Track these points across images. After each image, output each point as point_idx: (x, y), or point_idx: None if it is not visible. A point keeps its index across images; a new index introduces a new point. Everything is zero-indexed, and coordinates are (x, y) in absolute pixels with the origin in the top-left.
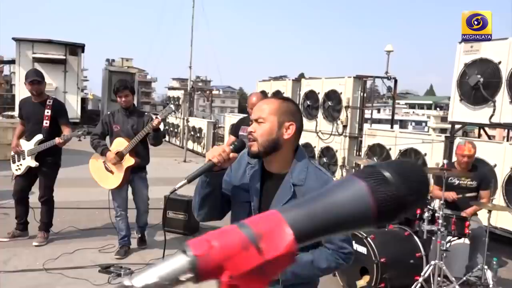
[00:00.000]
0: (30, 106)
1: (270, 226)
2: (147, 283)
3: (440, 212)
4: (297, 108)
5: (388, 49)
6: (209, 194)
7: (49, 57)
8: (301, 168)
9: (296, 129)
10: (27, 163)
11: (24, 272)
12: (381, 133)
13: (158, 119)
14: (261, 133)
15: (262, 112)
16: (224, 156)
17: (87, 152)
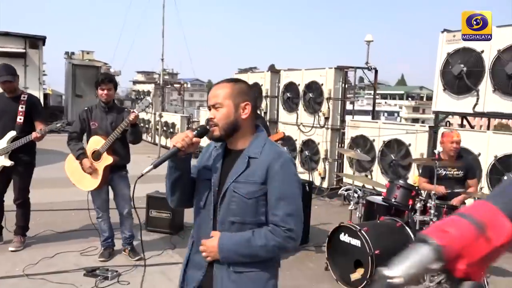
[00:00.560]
0: (3, 101)
1: (489, 215)
2: (404, 273)
3: (432, 202)
4: (249, 87)
5: (368, 39)
6: (178, 179)
7: (7, 51)
8: (258, 143)
9: (251, 108)
10: (0, 162)
11: (4, 279)
12: (364, 124)
13: (134, 113)
14: (220, 117)
15: (218, 98)
16: (187, 141)
17: (57, 151)
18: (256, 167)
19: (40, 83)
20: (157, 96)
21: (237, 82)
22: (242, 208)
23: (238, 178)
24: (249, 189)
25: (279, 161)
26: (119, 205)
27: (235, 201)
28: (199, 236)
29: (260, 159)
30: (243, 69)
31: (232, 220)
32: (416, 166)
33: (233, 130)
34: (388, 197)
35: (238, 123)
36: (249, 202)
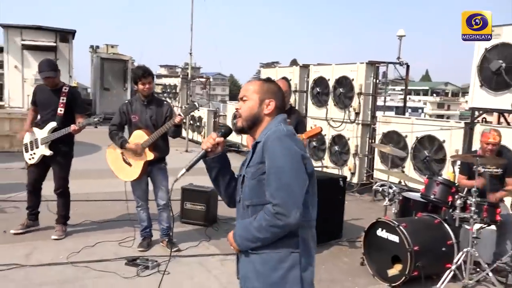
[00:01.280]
0: (45, 93)
1: None
2: None
3: (473, 199)
4: (278, 89)
5: (400, 34)
6: (216, 178)
7: (38, 44)
8: (267, 128)
9: (275, 106)
10: (41, 151)
11: (49, 266)
12: (396, 120)
13: (179, 117)
14: (244, 109)
15: (247, 92)
16: (212, 142)
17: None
18: (259, 148)
19: (70, 76)
20: (183, 90)
21: (268, 82)
22: (251, 191)
23: (249, 163)
24: (252, 171)
25: (272, 137)
26: (157, 196)
27: (247, 185)
28: None
29: (261, 142)
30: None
31: (246, 203)
32: (451, 163)
33: (254, 123)
34: (426, 194)
35: (260, 117)
36: (253, 183)
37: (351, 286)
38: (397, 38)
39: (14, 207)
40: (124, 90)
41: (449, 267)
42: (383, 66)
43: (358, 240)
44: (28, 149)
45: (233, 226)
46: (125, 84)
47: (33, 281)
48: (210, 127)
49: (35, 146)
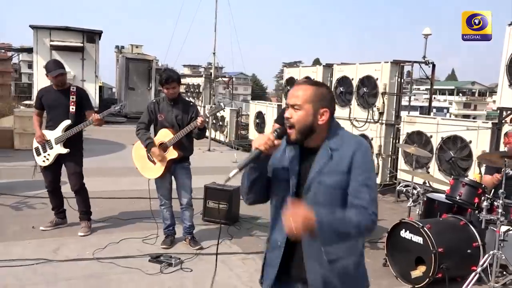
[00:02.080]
0: (53, 94)
1: None
2: None
3: (500, 201)
4: (330, 93)
5: (426, 33)
6: (257, 179)
7: (66, 45)
8: (336, 135)
9: (330, 114)
10: (56, 151)
11: (76, 261)
12: (421, 120)
13: (201, 119)
14: (297, 119)
15: (298, 99)
16: (270, 143)
17: (116, 142)
18: (340, 157)
19: (96, 76)
20: (207, 90)
21: (319, 86)
22: (330, 199)
23: (322, 169)
24: (335, 179)
25: (361, 150)
26: (180, 195)
27: (322, 193)
28: (275, 236)
29: (342, 150)
30: (288, 63)
31: None
32: (477, 164)
33: (308, 134)
34: (452, 195)
35: (314, 127)
36: (337, 192)
37: (374, 287)
38: (423, 36)
39: (42, 203)
40: (149, 89)
41: (475, 270)
42: (408, 65)
43: (381, 241)
44: (40, 152)
45: (255, 225)
46: (150, 84)
47: (60, 276)
48: (232, 126)
49: (48, 147)
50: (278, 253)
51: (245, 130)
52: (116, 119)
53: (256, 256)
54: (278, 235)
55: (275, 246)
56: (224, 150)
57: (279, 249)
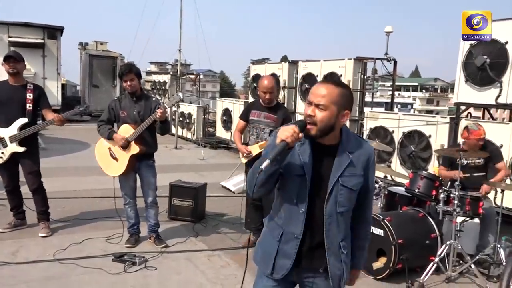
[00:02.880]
0: (7, 89)
1: None
2: None
3: (456, 193)
4: (351, 94)
5: (388, 30)
6: (274, 173)
7: (26, 41)
8: (349, 138)
9: (349, 115)
10: (12, 149)
11: (36, 264)
12: (384, 115)
13: (161, 110)
14: (321, 119)
15: (324, 99)
16: (296, 136)
17: (80, 141)
18: (357, 160)
19: (58, 74)
20: (173, 87)
21: (344, 88)
22: (348, 199)
23: (344, 172)
24: (355, 182)
25: (372, 155)
26: (145, 193)
27: (343, 194)
28: (289, 228)
29: (358, 153)
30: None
31: (341, 210)
32: (436, 158)
33: (328, 132)
34: (411, 188)
35: (335, 127)
36: (354, 193)
37: None
38: (385, 34)
39: (0, 205)
40: (113, 87)
41: (433, 260)
42: (371, 62)
43: None
44: None
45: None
46: (114, 81)
47: (19, 279)
48: (200, 123)
49: (2, 145)
50: (294, 244)
51: (213, 127)
52: (80, 117)
53: (222, 253)
54: (295, 228)
55: (291, 238)
56: (191, 147)
57: (296, 241)
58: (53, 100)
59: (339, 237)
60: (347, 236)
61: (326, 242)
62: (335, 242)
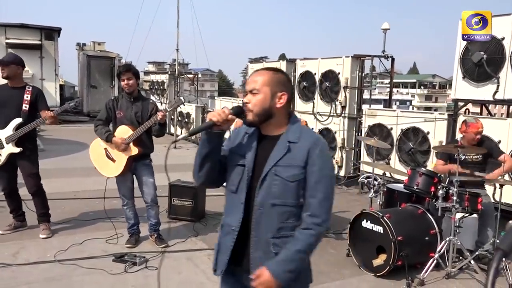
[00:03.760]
0: (5, 92)
1: None
2: None
3: (454, 189)
4: (288, 79)
5: (385, 27)
6: (209, 154)
7: (23, 43)
8: (295, 128)
9: (288, 99)
10: (8, 150)
11: (36, 265)
12: (382, 112)
13: (162, 113)
14: (255, 103)
15: (256, 83)
16: (223, 116)
17: (78, 141)
18: (297, 151)
19: (56, 74)
20: (171, 87)
21: (277, 72)
22: (284, 191)
23: (279, 161)
24: (291, 172)
25: (318, 146)
26: (143, 193)
27: (277, 184)
28: (228, 220)
29: (300, 144)
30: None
31: (273, 202)
32: (435, 154)
33: (266, 117)
34: (410, 184)
35: (272, 111)
36: (291, 184)
37: (337, 277)
38: (382, 31)
39: (0, 207)
40: (111, 87)
41: (433, 256)
42: (369, 60)
43: (344, 232)
44: None
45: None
46: (112, 82)
47: (20, 280)
48: (198, 123)
49: None
50: (231, 238)
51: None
52: (78, 118)
53: None
54: (232, 219)
55: (229, 230)
56: (190, 147)
57: (233, 234)
58: (52, 101)
59: (269, 232)
60: (284, 236)
61: (252, 235)
62: (263, 237)
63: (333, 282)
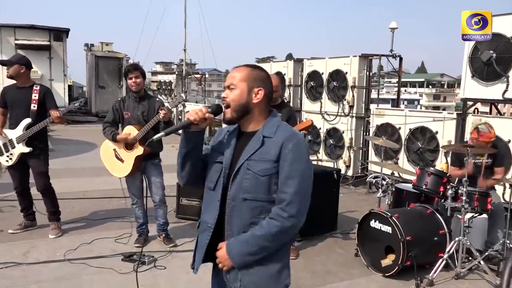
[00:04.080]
0: (15, 92)
1: None
2: None
3: (464, 189)
4: (266, 75)
5: (393, 26)
6: (189, 153)
7: (32, 44)
8: (272, 123)
9: (264, 94)
10: (19, 150)
11: (46, 264)
12: (390, 112)
13: (164, 111)
14: (232, 98)
15: (234, 79)
16: (200, 115)
17: (87, 142)
18: (270, 145)
19: (64, 75)
20: (179, 86)
21: (255, 68)
22: (255, 185)
23: (252, 156)
24: (262, 167)
25: (292, 141)
26: (152, 193)
27: (248, 178)
28: (205, 217)
29: (274, 139)
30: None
31: (244, 196)
32: (444, 154)
33: (243, 113)
34: (418, 184)
35: (249, 106)
36: (262, 179)
37: (346, 277)
38: (390, 30)
39: (10, 206)
40: (119, 87)
41: (442, 256)
42: (376, 59)
43: (352, 232)
44: (2, 152)
45: None
46: (120, 82)
47: (30, 279)
48: None
49: (10, 147)
50: (207, 235)
51: (219, 126)
52: (86, 118)
53: None
54: (208, 216)
55: (204, 228)
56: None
57: (208, 231)
58: (60, 102)
59: (241, 226)
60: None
61: (226, 229)
62: (235, 231)
63: (342, 282)
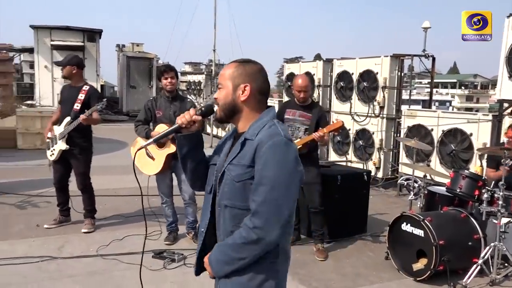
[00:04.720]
0: (67, 90)
1: None
2: None
3: (500, 193)
4: (255, 70)
5: (426, 26)
6: (185, 157)
7: (67, 44)
8: (258, 125)
9: (251, 90)
10: (59, 147)
11: (80, 258)
12: (422, 113)
13: (194, 110)
14: (219, 97)
15: (222, 78)
16: (187, 118)
17: (118, 140)
18: (248, 148)
19: (97, 75)
20: (208, 87)
21: (242, 63)
22: (233, 192)
23: (233, 160)
24: (238, 172)
25: (267, 143)
26: (182, 191)
27: (228, 184)
28: (201, 222)
29: (255, 141)
30: (289, 58)
31: (225, 203)
32: (478, 157)
33: (231, 112)
34: (452, 187)
35: (237, 105)
36: (237, 185)
37: (376, 280)
38: (422, 30)
39: (46, 202)
40: (150, 87)
41: (476, 262)
42: (408, 59)
43: (383, 234)
44: (49, 146)
45: None
46: (151, 82)
47: (64, 272)
48: None
49: (54, 142)
50: (200, 240)
51: None
52: (118, 117)
53: None
54: (202, 221)
55: (200, 233)
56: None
57: (201, 236)
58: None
59: (225, 234)
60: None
61: (218, 234)
62: (223, 238)
63: (372, 285)
